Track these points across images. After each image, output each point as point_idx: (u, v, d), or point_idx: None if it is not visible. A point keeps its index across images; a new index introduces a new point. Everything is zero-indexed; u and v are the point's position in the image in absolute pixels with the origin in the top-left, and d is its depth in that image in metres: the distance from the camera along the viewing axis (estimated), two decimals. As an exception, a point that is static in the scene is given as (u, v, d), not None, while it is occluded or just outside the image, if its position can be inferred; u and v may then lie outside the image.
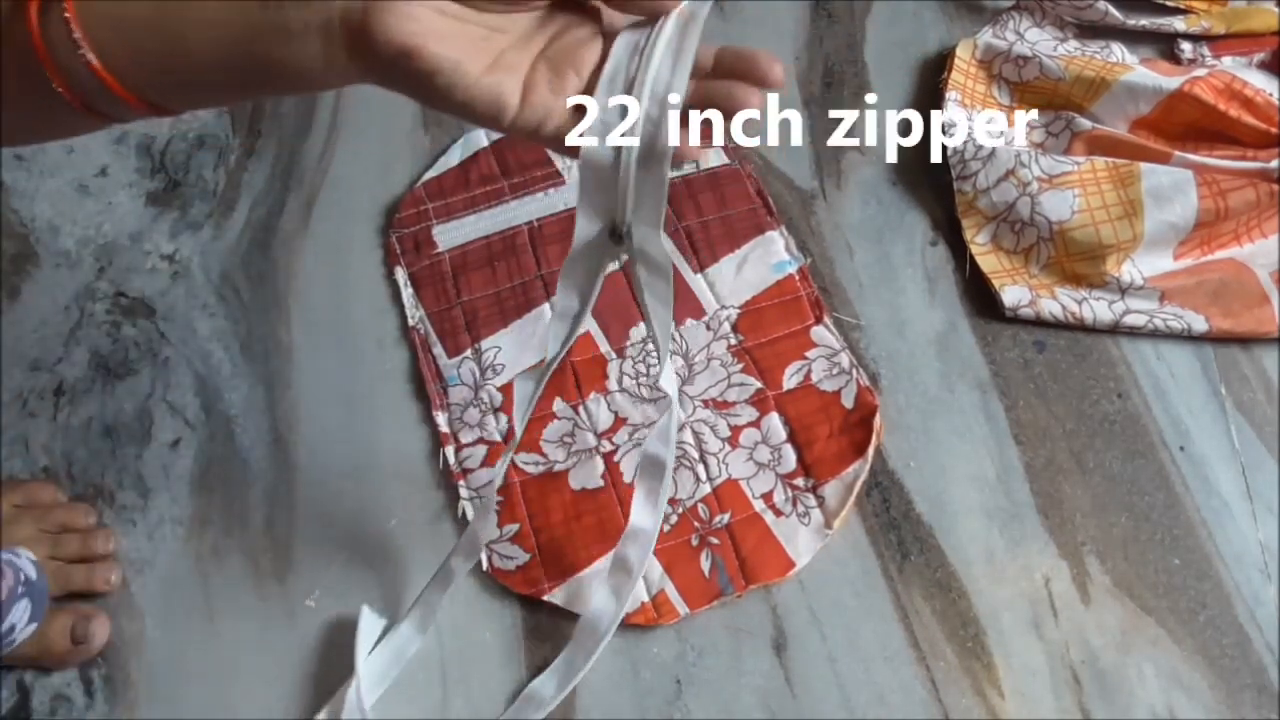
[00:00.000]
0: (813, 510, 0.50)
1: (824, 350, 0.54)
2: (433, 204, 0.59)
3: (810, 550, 0.49)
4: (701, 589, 0.48)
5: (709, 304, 0.56)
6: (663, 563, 0.48)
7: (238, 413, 0.54)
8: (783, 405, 0.52)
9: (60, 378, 0.55)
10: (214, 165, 0.61)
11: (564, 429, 0.52)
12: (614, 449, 0.51)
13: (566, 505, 0.50)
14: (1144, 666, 0.47)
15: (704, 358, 0.54)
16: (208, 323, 0.56)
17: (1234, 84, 0.56)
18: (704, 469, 0.51)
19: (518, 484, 0.51)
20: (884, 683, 0.47)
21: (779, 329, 0.55)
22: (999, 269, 0.56)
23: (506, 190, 0.60)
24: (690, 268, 0.57)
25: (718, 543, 0.49)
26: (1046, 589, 0.48)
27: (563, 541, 0.49)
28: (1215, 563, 0.49)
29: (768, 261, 0.57)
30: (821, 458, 0.51)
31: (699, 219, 0.58)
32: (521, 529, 0.50)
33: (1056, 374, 0.54)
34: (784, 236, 0.58)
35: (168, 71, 0.33)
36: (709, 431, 0.52)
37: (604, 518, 0.50)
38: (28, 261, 0.58)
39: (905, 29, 0.66)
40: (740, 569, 0.48)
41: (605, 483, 0.51)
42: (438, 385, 0.54)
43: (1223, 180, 0.54)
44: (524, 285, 0.56)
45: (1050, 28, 0.64)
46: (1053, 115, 0.60)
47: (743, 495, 0.50)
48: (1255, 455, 0.51)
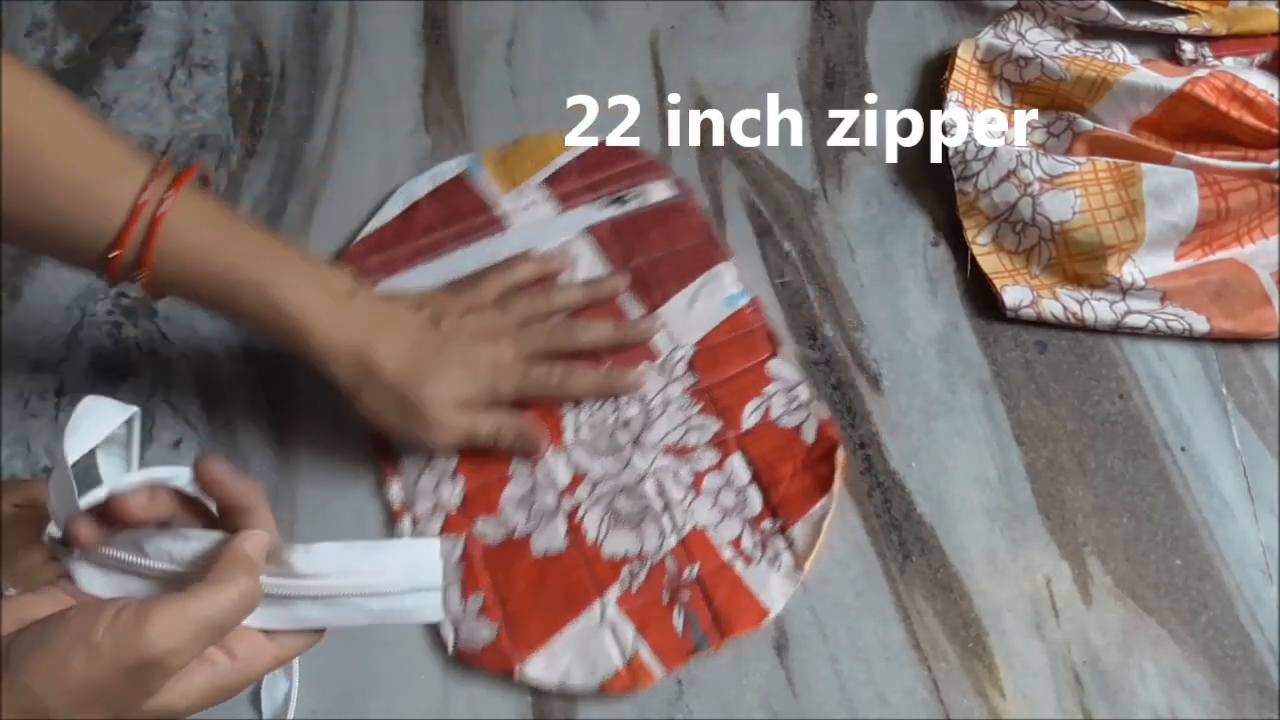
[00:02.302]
0: (783, 554, 0.48)
1: (782, 384, 0.52)
2: (374, 259, 0.57)
3: (783, 596, 0.47)
4: (676, 647, 0.46)
5: (663, 345, 0.54)
6: (635, 623, 0.47)
7: (239, 413, 0.54)
8: (744, 445, 0.51)
9: (61, 378, 0.55)
10: (215, 166, 0.61)
11: (523, 489, 0.50)
12: (575, 506, 0.50)
13: (530, 572, 0.48)
14: (1145, 667, 0.47)
15: (661, 402, 0.52)
16: (209, 323, 0.56)
17: (1235, 84, 0.56)
18: (669, 520, 0.49)
19: (478, 553, 0.49)
20: (885, 683, 0.46)
21: (736, 364, 0.53)
22: (1000, 269, 0.56)
23: (449, 239, 0.57)
24: (642, 309, 0.55)
25: (689, 597, 0.47)
26: (1048, 589, 0.48)
27: (529, 611, 0.47)
28: (1217, 563, 0.49)
29: (719, 296, 0.55)
30: (787, 497, 0.49)
31: (647, 258, 0.56)
32: (486, 600, 0.48)
33: (1058, 374, 0.54)
34: (734, 269, 0.56)
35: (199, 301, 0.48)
36: (671, 479, 0.50)
37: (570, 582, 0.48)
38: (29, 262, 0.58)
39: (907, 29, 0.66)
40: (714, 622, 0.47)
41: (568, 544, 0.49)
42: (388, 456, 0.51)
43: (1224, 181, 0.54)
44: None
45: (1052, 28, 0.64)
46: (1054, 116, 0.60)
47: (710, 545, 0.49)
48: (1257, 456, 0.51)
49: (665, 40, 0.65)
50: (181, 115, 0.63)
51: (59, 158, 0.43)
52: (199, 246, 0.45)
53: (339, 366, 0.48)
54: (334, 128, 0.63)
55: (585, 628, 0.47)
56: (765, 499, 0.50)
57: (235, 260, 0.46)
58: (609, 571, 0.48)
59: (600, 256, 0.57)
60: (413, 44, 0.66)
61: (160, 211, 0.44)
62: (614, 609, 0.47)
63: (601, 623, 0.47)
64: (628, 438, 0.52)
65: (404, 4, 0.68)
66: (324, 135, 0.63)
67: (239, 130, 0.63)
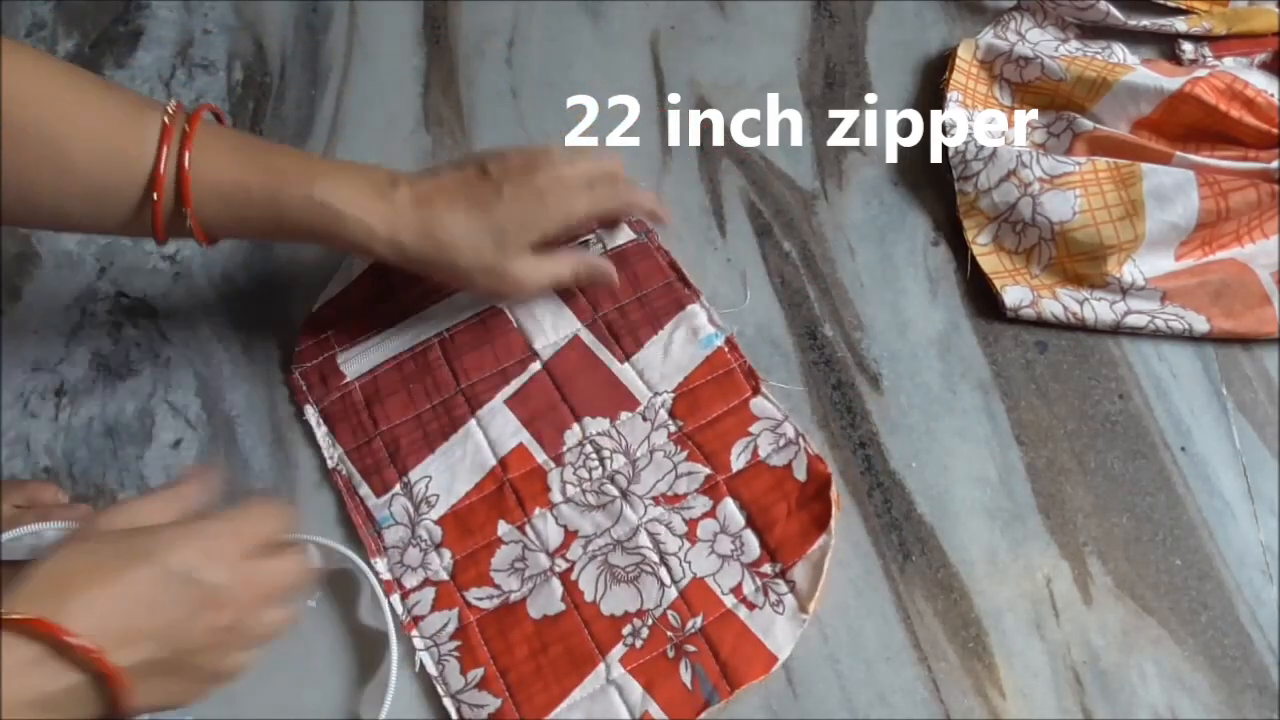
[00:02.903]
0: (785, 597, 0.47)
1: (767, 423, 0.51)
2: (334, 330, 0.55)
3: (790, 640, 0.46)
4: (686, 702, 0.45)
5: (641, 394, 0.53)
6: (641, 682, 0.46)
7: (239, 413, 0.54)
8: (735, 489, 0.50)
9: (61, 378, 0.55)
10: (215, 165, 0.61)
11: (513, 554, 0.49)
12: (569, 566, 0.49)
13: (530, 638, 0.47)
14: (1146, 667, 0.47)
15: (646, 451, 0.51)
16: (209, 323, 0.56)
17: (1235, 84, 0.56)
18: (667, 572, 0.48)
19: (474, 623, 0.48)
20: (885, 683, 0.47)
21: (718, 407, 0.52)
22: (1000, 269, 0.56)
23: (409, 301, 0.56)
24: (616, 359, 0.54)
25: (695, 650, 0.46)
26: (1048, 589, 0.48)
27: (532, 678, 0.46)
28: (1217, 563, 0.49)
29: (694, 339, 0.54)
30: (785, 539, 0.48)
31: (615, 305, 0.55)
32: (487, 673, 0.46)
33: (1058, 374, 0.54)
34: (704, 308, 0.55)
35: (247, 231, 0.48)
36: (665, 530, 0.49)
37: (572, 645, 0.47)
38: (29, 262, 0.58)
39: (907, 29, 0.66)
40: (723, 674, 0.46)
41: (567, 605, 0.48)
42: (370, 529, 0.50)
43: (1224, 181, 0.54)
44: (445, 404, 0.53)
45: (1052, 28, 0.64)
46: (1054, 116, 0.60)
47: (711, 594, 0.48)
48: (1257, 456, 0.51)
49: (665, 40, 0.65)
50: (181, 115, 0.63)
51: (79, 122, 0.43)
52: (234, 171, 0.45)
53: (410, 253, 0.48)
54: (334, 128, 0.63)
55: (592, 691, 0.46)
56: (762, 542, 0.49)
57: (274, 179, 0.45)
58: (610, 630, 0.47)
59: (566, 308, 0.55)
60: (413, 44, 0.66)
61: (186, 148, 0.44)
62: (619, 669, 0.46)
63: (608, 684, 0.46)
64: (616, 491, 0.50)
65: (404, 4, 0.68)
66: (324, 135, 0.63)
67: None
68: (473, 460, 0.51)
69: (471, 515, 0.50)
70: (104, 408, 0.54)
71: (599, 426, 0.52)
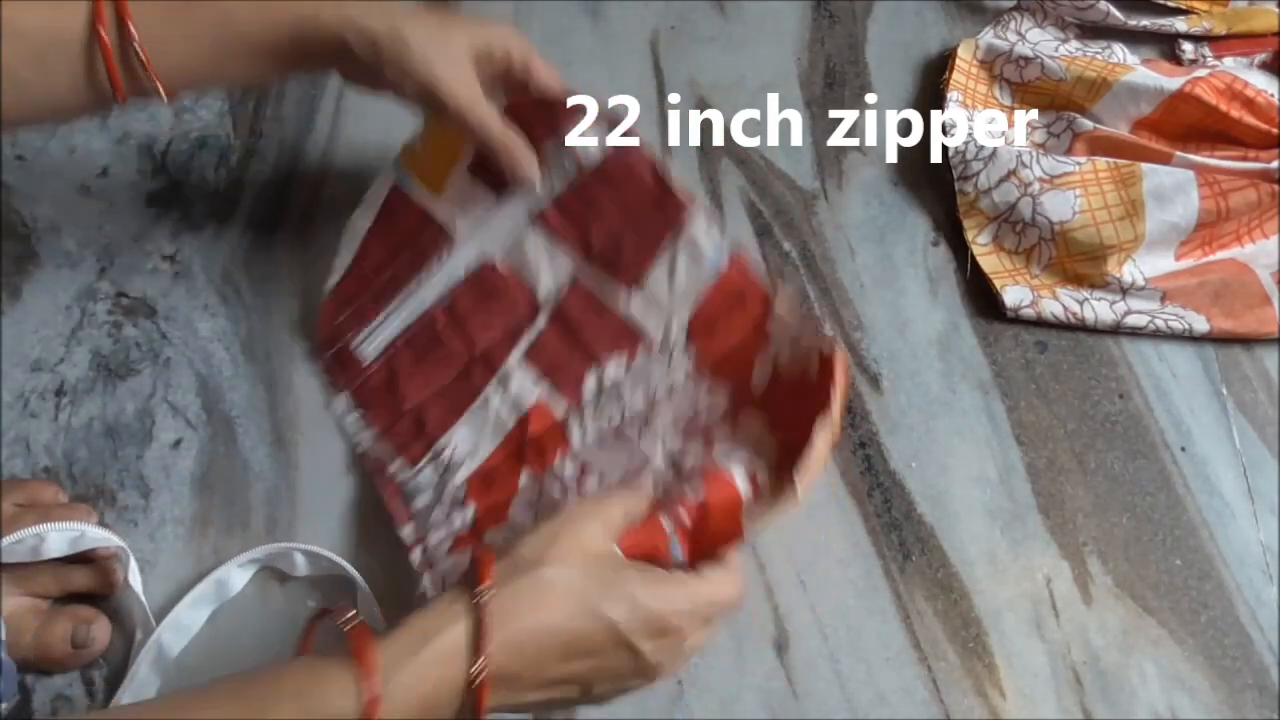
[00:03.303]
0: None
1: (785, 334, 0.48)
2: (344, 316, 0.55)
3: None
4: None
5: (654, 330, 0.51)
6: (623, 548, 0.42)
7: (239, 413, 0.54)
8: (760, 409, 0.47)
9: (61, 378, 0.55)
10: (215, 166, 0.61)
11: (531, 495, 0.49)
12: (581, 489, 0.48)
13: None
14: (1146, 667, 0.47)
15: (665, 390, 0.49)
16: (209, 323, 0.56)
17: (1235, 84, 0.56)
18: (675, 472, 0.46)
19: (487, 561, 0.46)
20: (885, 683, 0.47)
21: (736, 332, 0.49)
22: (1000, 269, 0.56)
23: (403, 273, 0.55)
24: (621, 294, 0.51)
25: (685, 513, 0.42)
26: (1048, 589, 0.48)
27: None
28: (1217, 563, 0.49)
29: (699, 260, 0.50)
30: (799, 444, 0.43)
31: (606, 231, 0.52)
32: None
33: (1058, 374, 0.54)
34: (700, 219, 0.50)
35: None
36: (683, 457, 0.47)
37: None
38: (29, 262, 0.58)
39: (907, 29, 0.66)
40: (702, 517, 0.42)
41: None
42: (399, 502, 0.50)
43: (1224, 181, 0.54)
44: (464, 373, 0.52)
45: (1052, 28, 0.64)
46: (1054, 116, 0.60)
47: (722, 477, 0.43)
48: (1257, 456, 0.51)
49: (665, 40, 0.65)
50: (181, 115, 0.63)
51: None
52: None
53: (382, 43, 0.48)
54: (334, 128, 0.63)
55: None
56: (781, 443, 0.45)
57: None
58: None
59: (558, 248, 0.53)
60: (413, 44, 0.66)
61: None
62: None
63: None
64: (634, 431, 0.50)
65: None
66: (324, 135, 0.63)
67: (239, 130, 0.63)
68: (495, 422, 0.52)
69: (495, 473, 0.50)
70: (104, 408, 0.54)
71: (617, 372, 0.51)
